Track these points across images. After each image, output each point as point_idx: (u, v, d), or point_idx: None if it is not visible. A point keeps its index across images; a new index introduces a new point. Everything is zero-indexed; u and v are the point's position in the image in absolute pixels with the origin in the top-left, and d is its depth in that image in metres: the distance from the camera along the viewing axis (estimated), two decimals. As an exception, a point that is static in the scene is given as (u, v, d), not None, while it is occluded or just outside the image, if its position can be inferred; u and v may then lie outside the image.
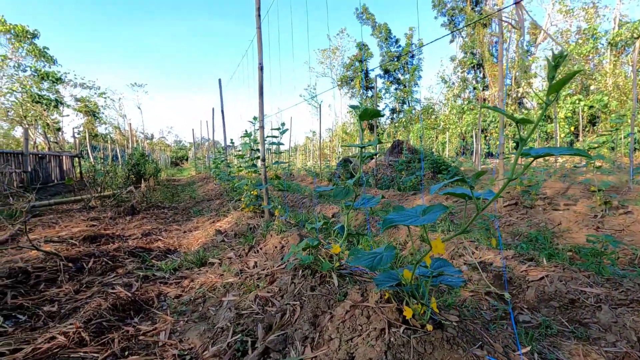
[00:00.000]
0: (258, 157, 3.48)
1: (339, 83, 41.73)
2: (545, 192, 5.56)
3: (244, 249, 2.94)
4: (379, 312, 1.40)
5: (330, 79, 47.58)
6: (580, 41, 25.47)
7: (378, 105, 38.39)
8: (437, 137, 30.39)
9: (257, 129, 3.50)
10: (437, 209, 0.98)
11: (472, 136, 29.67)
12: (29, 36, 23.74)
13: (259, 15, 3.24)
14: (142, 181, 9.26)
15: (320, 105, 10.81)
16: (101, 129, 40.91)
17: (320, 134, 11.97)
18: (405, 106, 39.25)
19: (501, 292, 2.28)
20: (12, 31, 22.60)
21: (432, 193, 1.01)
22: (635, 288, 1.93)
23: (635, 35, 21.22)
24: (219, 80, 7.24)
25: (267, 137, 3.31)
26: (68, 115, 37.82)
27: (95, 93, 36.75)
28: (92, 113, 35.97)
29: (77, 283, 2.49)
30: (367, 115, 1.30)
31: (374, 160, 10.30)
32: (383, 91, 39.35)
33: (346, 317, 1.46)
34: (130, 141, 15.82)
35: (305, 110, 52.21)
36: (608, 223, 3.45)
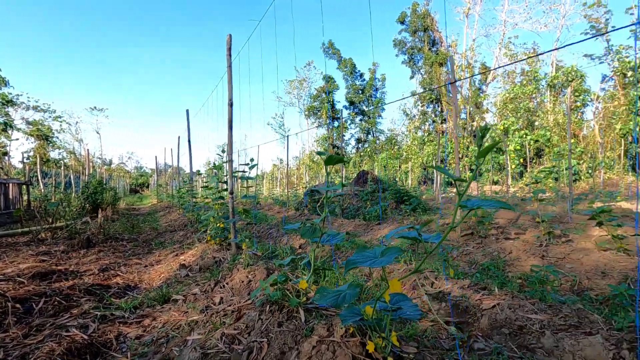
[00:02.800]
0: (226, 190, 3.51)
1: (306, 113, 42.74)
2: (498, 222, 5.97)
3: (209, 284, 2.90)
4: (344, 347, 1.47)
5: (297, 109, 48.64)
6: (524, 82, 28.16)
7: (344, 135, 39.48)
8: (400, 167, 31.59)
9: (226, 162, 3.55)
10: (393, 252, 1.10)
11: (432, 166, 31.12)
12: (-21, 56, 22.52)
13: (230, 55, 3.39)
14: (100, 211, 8.79)
15: (287, 135, 11.02)
16: (54, 154, 38.55)
17: (287, 163, 12.11)
18: (369, 136, 40.76)
19: (458, 320, 2.42)
20: (-40, 50, 21.41)
21: (387, 237, 1.13)
22: (573, 314, 2.14)
23: (569, 79, 23.86)
24: (187, 111, 7.27)
25: (236, 171, 3.36)
26: (17, 139, 35.47)
27: (50, 116, 34.89)
28: (44, 137, 33.96)
29: (26, 326, 2.33)
30: (332, 162, 1.43)
31: (339, 190, 10.52)
32: (349, 122, 40.76)
33: (312, 353, 1.51)
34: (86, 167, 15.05)
35: (272, 137, 52.54)
36: (552, 251, 3.78)
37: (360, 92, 40.49)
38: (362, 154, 38.57)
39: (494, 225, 5.41)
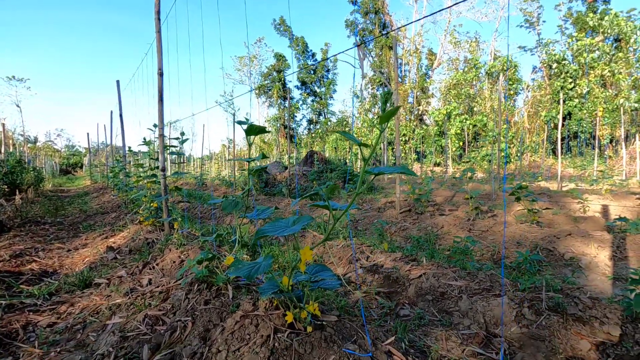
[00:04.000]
0: (158, 167, 3.28)
1: (257, 91, 41.48)
2: (436, 200, 6.35)
3: (137, 266, 2.73)
4: (267, 320, 1.46)
5: (248, 87, 46.97)
6: (466, 69, 29.76)
7: (295, 116, 39.14)
8: (350, 148, 32.18)
9: (157, 137, 3.31)
10: (305, 220, 1.09)
11: (381, 148, 32.18)
12: None
13: (159, 19, 3.11)
14: (18, 192, 7.86)
15: (235, 113, 10.60)
16: (-38, 129, 33.66)
17: (234, 143, 11.74)
18: (321, 118, 40.80)
19: (388, 290, 2.55)
20: None
21: (292, 206, 1.11)
22: (487, 279, 2.34)
23: (504, 68, 25.61)
24: (117, 82, 6.60)
25: (167, 146, 3.15)
26: None
27: (-45, 85, 30.20)
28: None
29: None
30: (253, 132, 1.36)
31: (287, 170, 10.47)
32: (300, 102, 40.35)
33: (235, 328, 1.48)
34: (1, 145, 13.33)
35: (222, 118, 50.50)
36: (477, 225, 4.10)
37: (312, 72, 40.08)
38: (313, 135, 38.62)
39: (431, 202, 5.73)
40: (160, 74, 3.14)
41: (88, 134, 18.94)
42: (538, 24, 32.02)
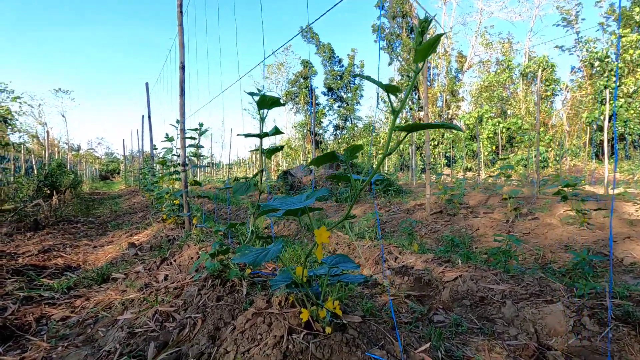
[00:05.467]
0: (180, 163, 3.23)
1: (284, 98, 41.96)
2: (469, 203, 5.96)
3: (155, 262, 2.65)
4: (280, 318, 1.28)
5: (275, 94, 47.69)
6: (498, 71, 28.66)
7: (321, 122, 39.19)
8: (377, 154, 31.71)
9: (179, 132, 3.26)
10: (320, 192, 0.91)
11: (409, 153, 31.47)
12: None
13: (181, 12, 3.07)
14: (56, 194, 8.21)
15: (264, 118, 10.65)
16: (14, 138, 36.24)
17: (261, 148, 11.81)
18: (348, 123, 40.59)
19: (420, 294, 2.30)
20: None
21: (308, 171, 0.93)
22: (534, 282, 2.05)
23: (541, 68, 24.43)
24: (146, 84, 6.77)
25: (187, 137, 3.08)
26: (-29, 121, 33.25)
27: (8, 97, 32.63)
28: (2, 119, 31.80)
29: None
30: (266, 103, 1.21)
31: (312, 173, 10.34)
32: (327, 108, 40.34)
33: (246, 327, 1.32)
34: (46, 149, 14.13)
35: (250, 125, 51.57)
36: (517, 227, 3.74)
37: (338, 78, 40.05)
38: (340, 140, 38.45)
39: (463, 205, 5.38)
40: (182, 68, 3.09)
41: (123, 140, 19.83)
42: (576, 22, 30.35)
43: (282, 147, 1.32)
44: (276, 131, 1.33)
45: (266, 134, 1.34)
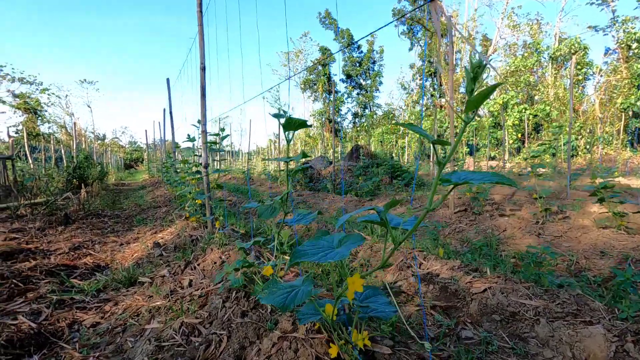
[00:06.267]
0: (201, 164, 3.24)
1: (302, 86, 41.64)
2: (494, 198, 5.76)
3: (179, 266, 2.68)
4: (307, 345, 1.25)
5: (293, 82, 47.38)
6: (526, 54, 27.37)
7: (340, 109, 38.79)
8: (397, 142, 31.18)
9: (200, 133, 3.26)
10: (354, 240, 0.85)
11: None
12: (-45, 24, 21.49)
13: (201, 12, 3.02)
14: (84, 186, 8.50)
15: (280, 107, 10.62)
16: (44, 128, 37.71)
17: (279, 138, 11.87)
18: (367, 111, 40.00)
19: (446, 305, 2.23)
20: None
21: (338, 226, 0.87)
22: (571, 300, 1.94)
23: (572, 50, 23.14)
24: (167, 79, 6.81)
25: (211, 143, 3.08)
26: (4, 112, 34.69)
27: (37, 89, 33.80)
28: (33, 111, 33.05)
29: (-30, 313, 2.11)
30: (292, 126, 1.16)
31: (332, 165, 10.27)
32: (345, 95, 39.80)
33: (272, 351, 1.30)
34: (74, 140, 14.63)
35: (269, 114, 51.61)
36: (548, 229, 3.58)
37: (357, 64, 39.30)
38: (358, 128, 38.02)
39: (488, 201, 5.20)
40: (203, 69, 3.06)
41: (146, 131, 20.29)
42: (612, 0, 28.47)
43: (306, 168, 1.27)
44: (303, 155, 1.27)
45: (292, 159, 1.29)
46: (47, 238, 4.40)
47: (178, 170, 5.51)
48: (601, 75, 23.48)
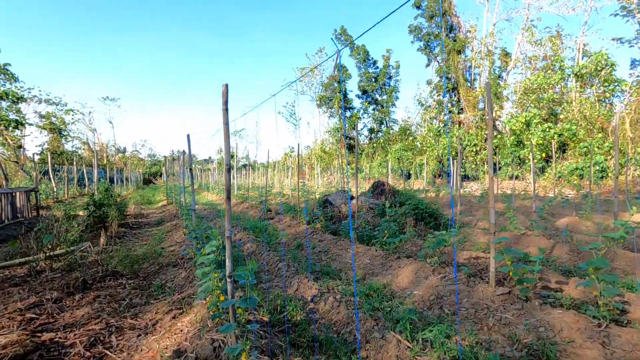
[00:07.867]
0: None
1: (318, 102, 41.72)
2: (530, 251, 5.21)
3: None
4: None
5: (309, 97, 47.57)
6: (547, 68, 26.57)
7: (355, 126, 38.66)
8: (414, 159, 30.65)
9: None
10: None
11: (448, 159, 30.12)
12: (-14, 53, 22.44)
13: (227, 110, 2.80)
14: (103, 230, 8.45)
15: (297, 123, 10.44)
16: (68, 146, 38.88)
17: (298, 153, 11.94)
18: (383, 126, 39.65)
19: None
20: (-33, 48, 21.33)
21: None
22: None
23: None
24: (187, 135, 6.73)
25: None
26: (31, 134, 35.96)
27: (62, 109, 34.99)
28: (57, 130, 34.17)
29: None
30: None
31: (354, 200, 9.95)
32: (361, 111, 39.59)
33: None
34: (95, 158, 14.85)
35: (284, 127, 52.07)
36: (615, 339, 3.13)
37: (373, 80, 39.12)
38: (374, 144, 37.67)
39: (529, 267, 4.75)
40: (228, 170, 2.82)
41: (165, 157, 20.53)
42: (638, 11, 27.49)
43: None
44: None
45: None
46: (63, 316, 4.24)
47: (199, 239, 5.31)
48: (630, 93, 22.54)
